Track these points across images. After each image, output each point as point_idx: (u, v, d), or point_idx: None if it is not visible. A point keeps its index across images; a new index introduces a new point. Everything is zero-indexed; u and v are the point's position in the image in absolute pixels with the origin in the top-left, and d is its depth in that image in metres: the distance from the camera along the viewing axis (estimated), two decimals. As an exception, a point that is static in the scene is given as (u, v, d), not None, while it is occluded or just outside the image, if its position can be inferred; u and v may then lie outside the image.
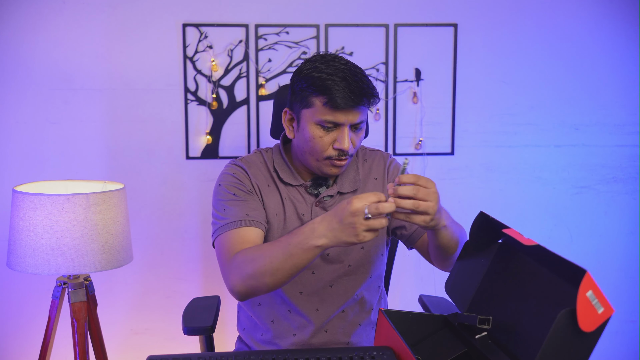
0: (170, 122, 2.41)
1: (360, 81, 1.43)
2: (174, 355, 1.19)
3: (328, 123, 1.45)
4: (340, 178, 1.59)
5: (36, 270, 1.74)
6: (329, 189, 1.57)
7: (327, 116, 1.44)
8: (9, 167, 2.37)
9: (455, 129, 2.50)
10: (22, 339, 2.45)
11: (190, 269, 2.49)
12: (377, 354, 1.18)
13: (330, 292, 1.57)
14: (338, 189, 1.57)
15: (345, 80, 1.42)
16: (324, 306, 1.57)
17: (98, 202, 1.77)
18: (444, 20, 2.44)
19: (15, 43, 2.31)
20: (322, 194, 1.56)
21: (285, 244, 1.30)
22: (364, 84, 1.43)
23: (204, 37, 2.37)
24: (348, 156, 1.49)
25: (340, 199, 1.57)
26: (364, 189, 1.60)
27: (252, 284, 1.34)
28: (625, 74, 2.53)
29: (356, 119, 1.45)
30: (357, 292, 1.59)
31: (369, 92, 1.44)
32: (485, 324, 1.15)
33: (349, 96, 1.41)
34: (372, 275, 1.61)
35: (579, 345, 0.94)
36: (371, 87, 1.45)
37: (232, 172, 1.57)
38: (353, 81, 1.42)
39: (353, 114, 1.44)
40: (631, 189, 2.59)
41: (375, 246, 1.60)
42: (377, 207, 1.19)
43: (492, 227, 1.23)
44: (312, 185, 1.57)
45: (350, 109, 1.43)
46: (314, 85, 1.44)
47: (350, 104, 1.41)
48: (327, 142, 1.46)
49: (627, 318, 2.66)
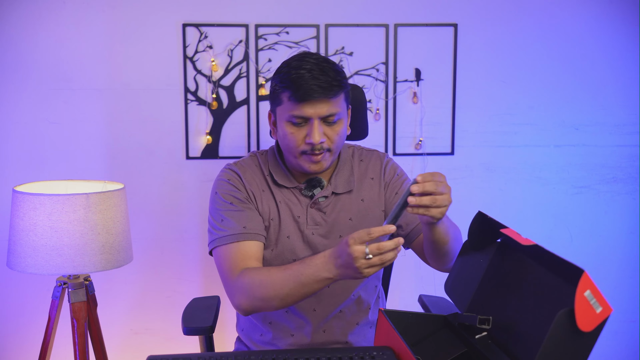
0: (170, 122, 2.41)
1: (324, 72, 1.42)
2: (174, 355, 1.19)
3: (297, 118, 1.44)
4: (335, 178, 1.58)
5: (36, 270, 1.74)
6: (324, 190, 1.56)
7: (294, 111, 1.44)
8: (9, 167, 2.37)
9: (455, 129, 2.50)
10: (22, 339, 2.45)
11: (190, 269, 2.49)
12: (377, 354, 1.18)
13: (327, 292, 1.56)
14: (333, 190, 1.57)
15: (310, 72, 1.42)
16: (321, 306, 1.57)
17: (98, 202, 1.77)
18: (444, 20, 2.44)
19: (15, 43, 2.31)
20: (317, 195, 1.55)
21: (297, 274, 1.33)
22: (328, 76, 1.42)
23: (204, 37, 2.37)
24: (324, 151, 1.48)
25: (335, 200, 1.57)
26: (360, 190, 1.59)
27: (259, 305, 1.39)
28: (625, 73, 2.53)
29: (324, 111, 1.44)
30: (354, 292, 1.59)
31: (333, 82, 1.43)
32: (485, 324, 1.15)
33: (310, 87, 1.41)
34: None
35: (578, 345, 0.94)
36: (336, 78, 1.44)
37: (227, 178, 1.57)
38: (317, 73, 1.42)
39: (320, 106, 1.43)
40: (631, 189, 2.59)
41: None
42: (378, 247, 1.22)
43: (490, 226, 1.23)
44: (306, 187, 1.56)
45: (316, 101, 1.42)
46: (282, 82, 1.45)
47: (314, 95, 1.41)
48: (300, 137, 1.46)
49: (627, 318, 2.66)
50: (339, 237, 1.57)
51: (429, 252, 1.48)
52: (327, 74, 1.43)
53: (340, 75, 1.46)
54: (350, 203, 1.58)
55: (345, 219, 1.57)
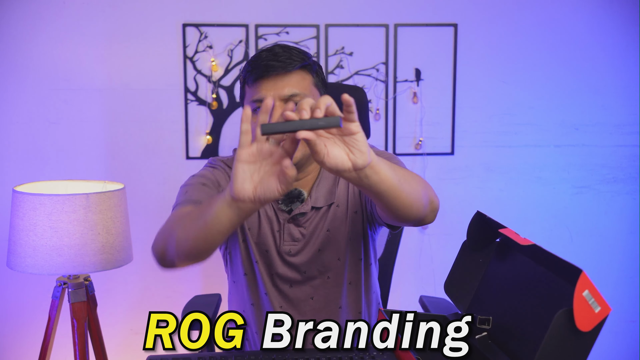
0: (170, 122, 2.41)
1: (285, 49, 1.33)
2: (174, 355, 1.19)
3: (257, 102, 1.32)
4: (315, 190, 1.44)
5: (36, 270, 1.74)
6: (302, 205, 1.43)
7: (253, 95, 1.33)
8: (9, 167, 2.37)
9: (455, 129, 2.50)
10: (22, 339, 2.45)
11: (190, 268, 2.48)
12: (377, 354, 1.18)
13: (311, 304, 1.49)
14: (312, 204, 1.43)
15: (269, 51, 1.33)
16: None
17: (98, 202, 1.77)
18: (444, 20, 2.44)
19: (15, 43, 2.31)
20: (295, 211, 1.43)
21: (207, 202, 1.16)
22: (288, 52, 1.32)
23: (204, 37, 2.37)
24: None
25: (314, 215, 1.44)
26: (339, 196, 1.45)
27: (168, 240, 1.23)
28: (626, 73, 2.53)
29: (284, 89, 1.31)
30: (340, 302, 1.50)
31: (293, 57, 1.31)
32: (485, 324, 1.15)
33: (266, 63, 1.30)
34: (351, 282, 1.51)
35: (577, 344, 0.94)
36: (299, 55, 1.33)
37: (212, 166, 1.47)
38: (277, 50, 1.33)
39: (279, 85, 1.31)
40: (631, 189, 2.59)
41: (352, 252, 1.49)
42: None
43: (489, 226, 1.23)
44: (283, 201, 1.43)
45: (273, 77, 1.30)
46: (243, 72, 1.37)
47: (270, 70, 1.30)
48: None
49: (627, 318, 2.66)
50: (317, 250, 1.45)
51: (382, 207, 1.16)
52: (288, 50, 1.33)
53: (305, 54, 1.35)
54: (330, 214, 1.45)
55: (323, 231, 1.45)
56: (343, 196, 1.46)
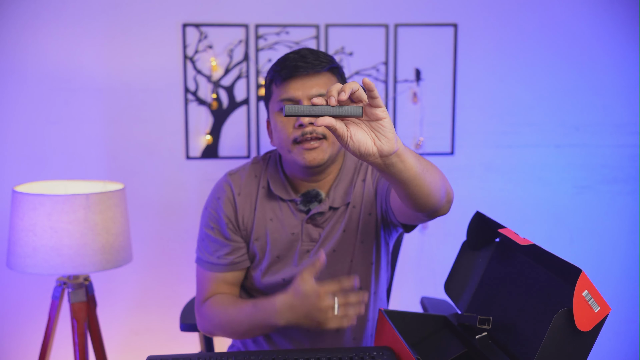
0: (170, 122, 2.41)
1: (312, 52, 1.38)
2: (174, 355, 1.20)
3: (286, 102, 1.37)
4: (334, 190, 1.46)
5: (36, 271, 1.74)
6: (320, 205, 1.45)
7: (282, 95, 1.37)
8: (9, 167, 2.37)
9: (455, 129, 2.50)
10: (22, 339, 2.45)
11: (190, 268, 2.49)
12: (377, 354, 1.18)
13: None
14: (330, 204, 1.46)
15: (297, 53, 1.38)
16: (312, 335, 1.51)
17: (98, 202, 1.77)
18: (444, 20, 2.44)
19: (15, 43, 2.31)
20: (313, 211, 1.46)
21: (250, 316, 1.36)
22: (315, 55, 1.37)
23: (204, 37, 2.37)
24: (319, 138, 1.35)
25: (331, 215, 1.47)
26: (355, 197, 1.47)
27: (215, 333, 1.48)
28: (626, 73, 2.53)
29: (313, 90, 1.36)
30: None
31: (321, 58, 1.37)
32: (485, 324, 1.15)
33: (295, 64, 1.35)
34: (361, 287, 1.52)
35: (576, 344, 0.94)
36: (326, 57, 1.38)
37: (217, 196, 1.50)
38: (304, 52, 1.38)
39: (308, 85, 1.36)
40: (631, 189, 2.59)
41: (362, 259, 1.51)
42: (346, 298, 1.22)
43: (489, 226, 1.23)
44: (302, 201, 1.45)
45: (302, 78, 1.36)
46: (270, 73, 1.42)
47: (299, 70, 1.35)
48: (290, 126, 1.37)
49: (627, 318, 2.66)
50: (332, 251, 1.47)
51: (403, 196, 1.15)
52: (315, 53, 1.38)
53: (331, 57, 1.41)
54: (347, 214, 1.47)
55: (339, 231, 1.47)
56: (359, 197, 1.48)
